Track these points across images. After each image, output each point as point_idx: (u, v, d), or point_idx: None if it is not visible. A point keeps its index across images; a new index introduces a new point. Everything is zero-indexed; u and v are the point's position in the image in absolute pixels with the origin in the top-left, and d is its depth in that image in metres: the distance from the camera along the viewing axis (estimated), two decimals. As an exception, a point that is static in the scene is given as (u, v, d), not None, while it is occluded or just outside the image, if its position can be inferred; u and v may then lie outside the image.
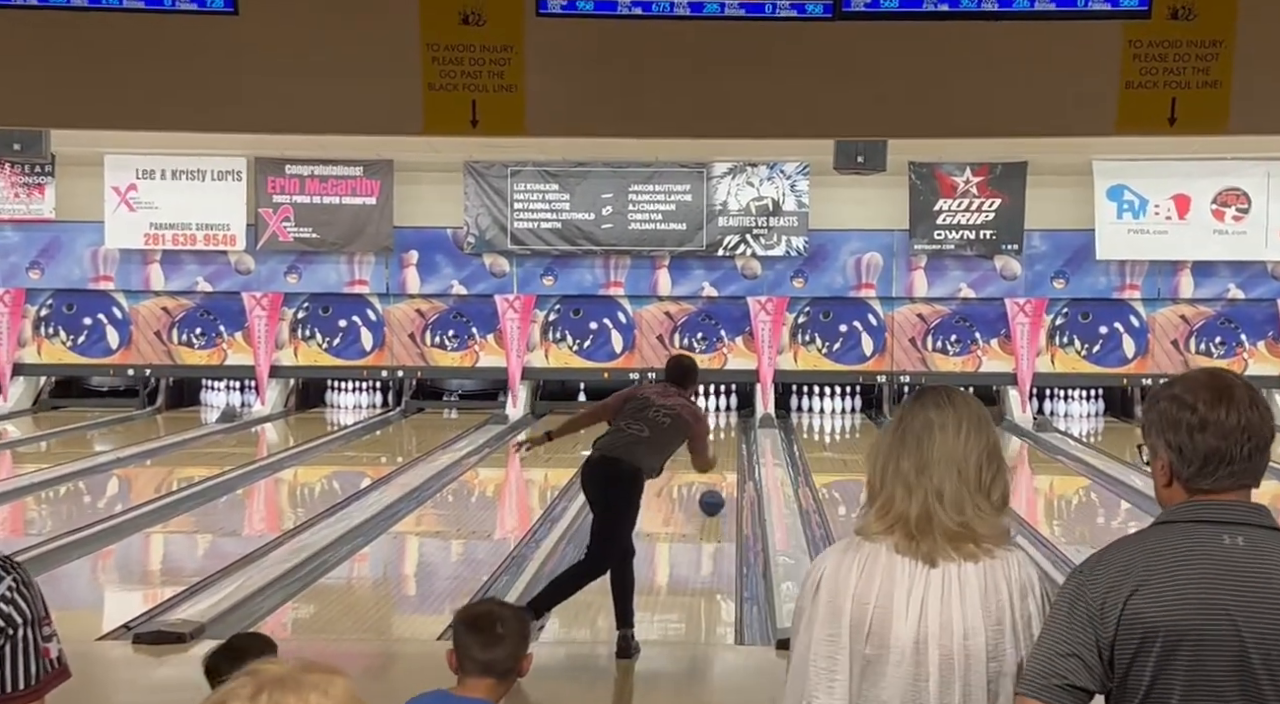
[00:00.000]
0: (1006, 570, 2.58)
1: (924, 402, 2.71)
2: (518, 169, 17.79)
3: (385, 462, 15.33)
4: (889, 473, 2.65)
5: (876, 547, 2.60)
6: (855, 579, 2.57)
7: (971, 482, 2.62)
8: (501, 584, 8.64)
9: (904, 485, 2.62)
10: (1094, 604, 2.35)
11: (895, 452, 2.66)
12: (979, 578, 2.56)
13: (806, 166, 17.51)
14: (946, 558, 2.57)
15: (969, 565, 2.56)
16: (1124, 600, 2.33)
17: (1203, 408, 2.41)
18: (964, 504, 2.59)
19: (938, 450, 2.63)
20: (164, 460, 14.90)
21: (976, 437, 2.66)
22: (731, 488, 12.82)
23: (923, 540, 2.58)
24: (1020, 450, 16.28)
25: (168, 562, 10.18)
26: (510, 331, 18.11)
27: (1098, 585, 2.36)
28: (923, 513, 2.59)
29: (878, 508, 2.64)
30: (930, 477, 2.61)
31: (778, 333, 18.06)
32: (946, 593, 2.55)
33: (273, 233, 18.07)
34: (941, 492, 2.60)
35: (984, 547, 2.58)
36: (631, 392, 7.22)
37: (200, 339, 18.45)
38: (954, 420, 2.66)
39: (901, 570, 2.57)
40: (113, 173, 17.77)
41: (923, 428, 2.66)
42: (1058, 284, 18.04)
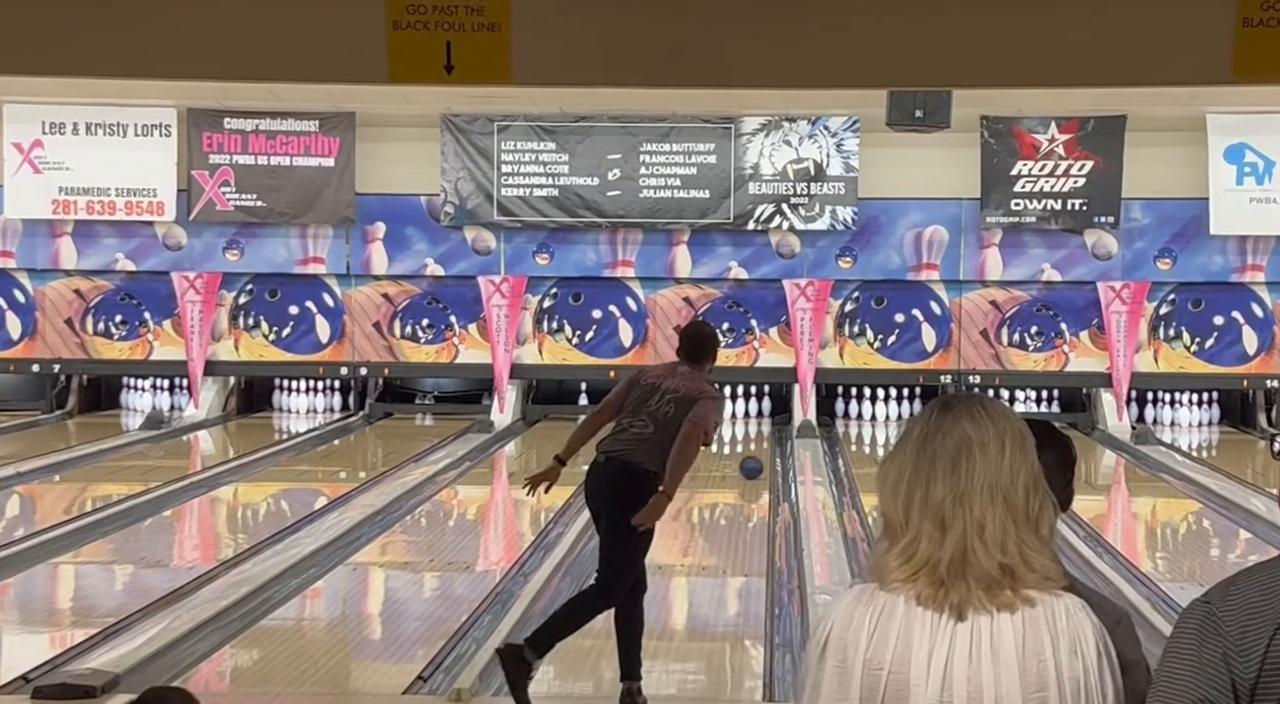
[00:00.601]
0: (1052, 622, 2.52)
1: (955, 413, 2.64)
2: (506, 124, 17.80)
3: (345, 478, 15.34)
4: (915, 505, 2.59)
5: (894, 598, 2.55)
6: (867, 639, 2.53)
7: (1020, 512, 2.57)
8: (484, 625, 8.66)
9: (935, 521, 2.56)
10: (1231, 638, 2.32)
11: (923, 477, 2.60)
12: (1015, 633, 2.51)
13: (856, 122, 17.49)
14: (978, 609, 2.52)
15: (1004, 617, 2.51)
16: (1269, 636, 2.30)
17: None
18: (1009, 541, 2.55)
19: (979, 475, 2.57)
20: (76, 475, 14.93)
21: (1022, 457, 2.62)
22: (763, 511, 12.83)
23: (954, 588, 2.53)
24: (1116, 467, 16.26)
25: (78, 598, 10.20)
26: (496, 321, 18.13)
27: (1234, 617, 2.34)
28: (958, 554, 2.54)
29: (900, 550, 2.58)
30: (970, 508, 2.56)
31: (820, 323, 18.06)
32: (976, 654, 2.50)
33: (209, 200, 18.10)
34: (983, 526, 2.55)
35: (1023, 594, 2.53)
36: (635, 377, 7.22)
37: (120, 329, 18.49)
38: (995, 436, 2.61)
39: (922, 627, 2.52)
40: (13, 126, 17.83)
41: (958, 447, 2.60)
42: (1163, 265, 18.02)
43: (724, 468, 14.45)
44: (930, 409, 2.70)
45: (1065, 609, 2.54)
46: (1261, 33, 4.63)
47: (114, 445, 16.50)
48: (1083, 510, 12.71)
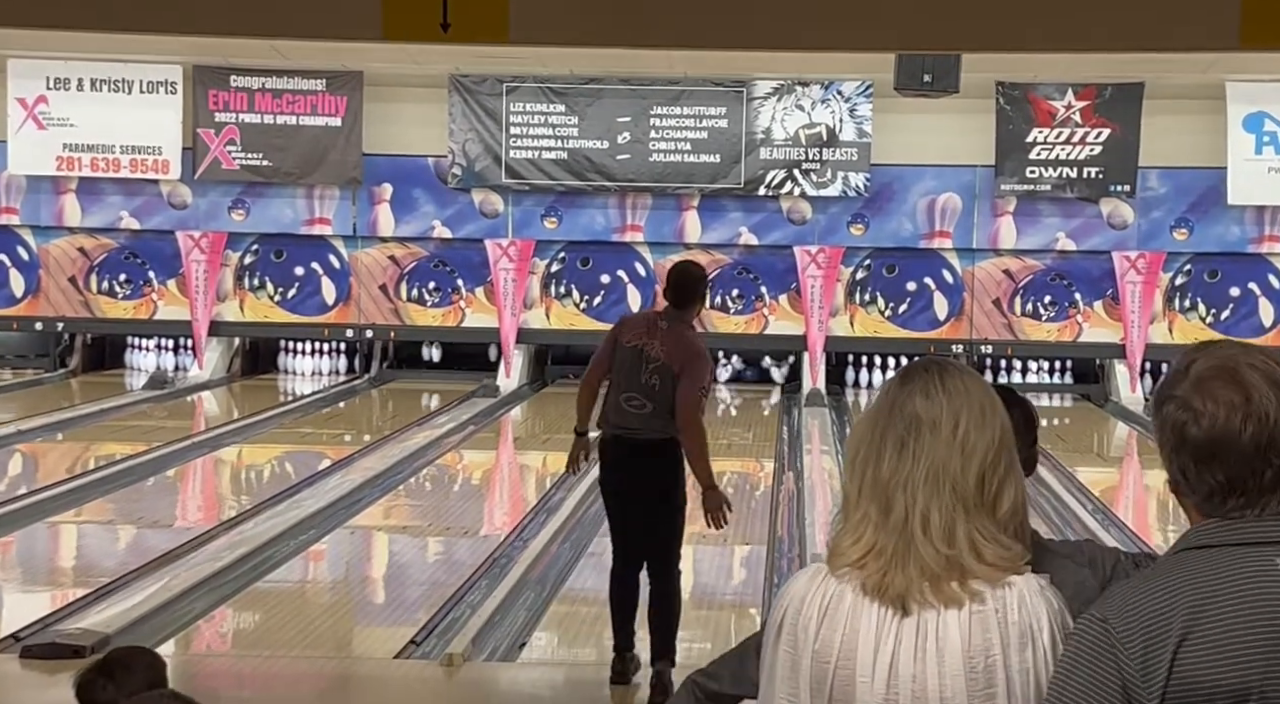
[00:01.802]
0: (1002, 614, 2.44)
1: (910, 386, 2.54)
2: (515, 85, 17.77)
3: (349, 440, 15.38)
4: (865, 484, 2.51)
5: (842, 586, 2.48)
6: (815, 627, 2.47)
7: (970, 499, 2.48)
8: (480, 590, 8.70)
9: (880, 505, 2.49)
10: (1131, 666, 2.19)
11: (874, 454, 2.52)
12: (962, 631, 2.43)
13: (870, 86, 17.45)
14: (922, 604, 2.44)
15: (950, 613, 2.44)
16: (1170, 656, 2.17)
17: (1208, 424, 2.24)
18: (955, 532, 2.46)
19: (925, 459, 2.49)
20: (78, 434, 15.01)
21: (979, 434, 2.51)
22: (769, 479, 12.86)
23: (896, 577, 2.46)
24: (1128, 440, 16.25)
25: (77, 557, 10.28)
26: (504, 284, 18.14)
27: (1132, 639, 2.19)
28: (901, 543, 2.47)
29: (850, 530, 2.51)
30: (913, 496, 2.47)
31: (831, 291, 18.05)
32: (921, 652, 2.44)
33: (215, 159, 18.10)
34: (927, 517, 2.46)
35: (971, 586, 2.44)
36: (616, 334, 7.07)
37: (125, 288, 18.52)
38: (949, 414, 2.51)
39: (868, 621, 2.46)
40: (18, 82, 17.82)
41: (907, 427, 2.51)
42: (1179, 235, 17.97)
43: (730, 435, 14.48)
44: (895, 377, 2.61)
45: (1019, 597, 2.46)
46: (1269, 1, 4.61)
47: (117, 405, 16.55)
48: (1093, 483, 12.74)
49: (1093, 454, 15.37)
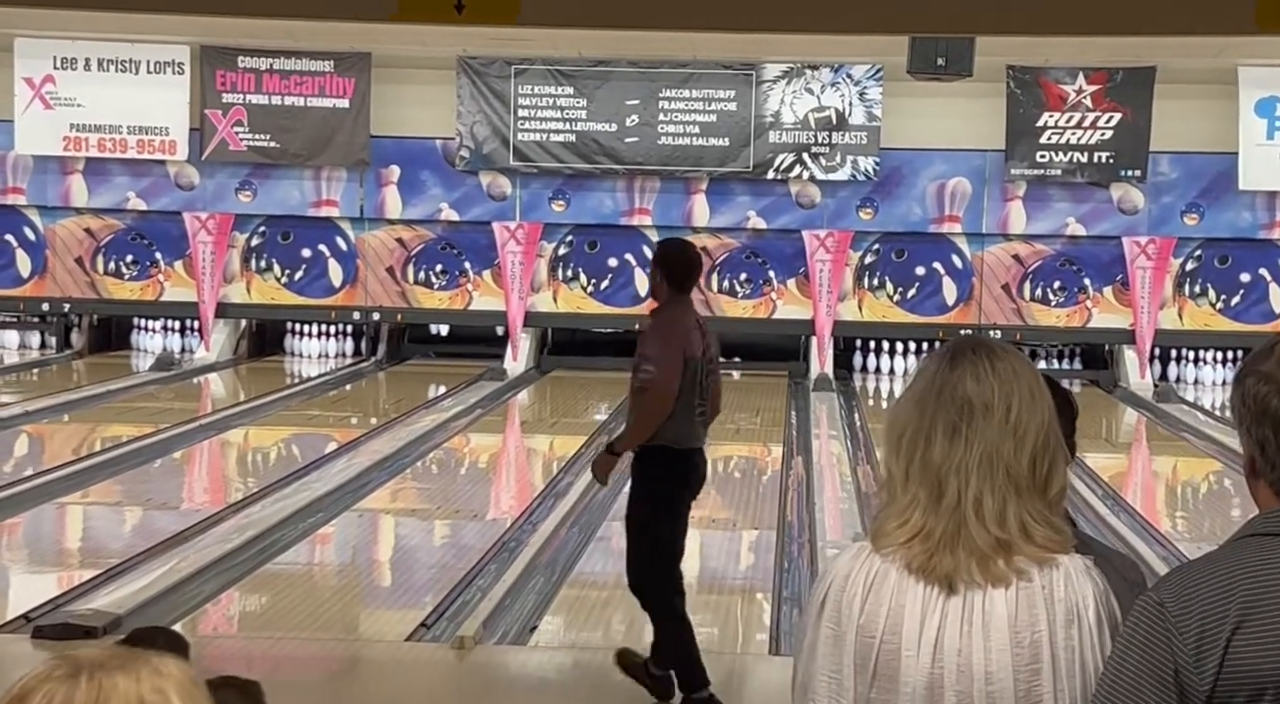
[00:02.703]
0: (1049, 592, 2.46)
1: (960, 367, 2.53)
2: (523, 68, 17.76)
3: (356, 423, 15.41)
4: (914, 466, 2.50)
5: (887, 564, 2.49)
6: (860, 604, 2.49)
7: (1023, 481, 2.49)
8: (490, 574, 8.72)
9: (931, 489, 2.49)
10: (1185, 648, 2.20)
11: (923, 436, 2.51)
12: (1009, 607, 2.45)
13: (879, 70, 17.43)
14: (969, 583, 2.45)
15: (997, 592, 2.45)
16: (1224, 645, 2.18)
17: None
18: (1007, 515, 2.47)
19: (979, 444, 2.48)
20: (85, 416, 15.03)
21: (1030, 415, 2.51)
22: (777, 464, 12.87)
23: (945, 559, 2.47)
24: (1137, 425, 16.27)
25: (84, 539, 10.31)
26: (511, 267, 18.14)
27: (1188, 625, 2.21)
28: (951, 527, 2.47)
29: (897, 513, 2.51)
30: (967, 480, 2.47)
31: (839, 275, 18.04)
32: (967, 627, 2.45)
33: (222, 140, 18.11)
34: (980, 500, 2.47)
35: (1018, 565, 2.46)
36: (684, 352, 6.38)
37: (131, 269, 18.54)
38: (1001, 397, 2.50)
39: (914, 598, 2.47)
40: (24, 61, 17.82)
41: (960, 410, 2.50)
42: (1190, 220, 17.95)
43: (738, 420, 14.48)
44: (940, 357, 2.59)
45: (1065, 576, 2.48)
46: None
47: (123, 386, 16.57)
48: (1102, 469, 12.73)
49: (1101, 440, 15.35)
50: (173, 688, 1.64)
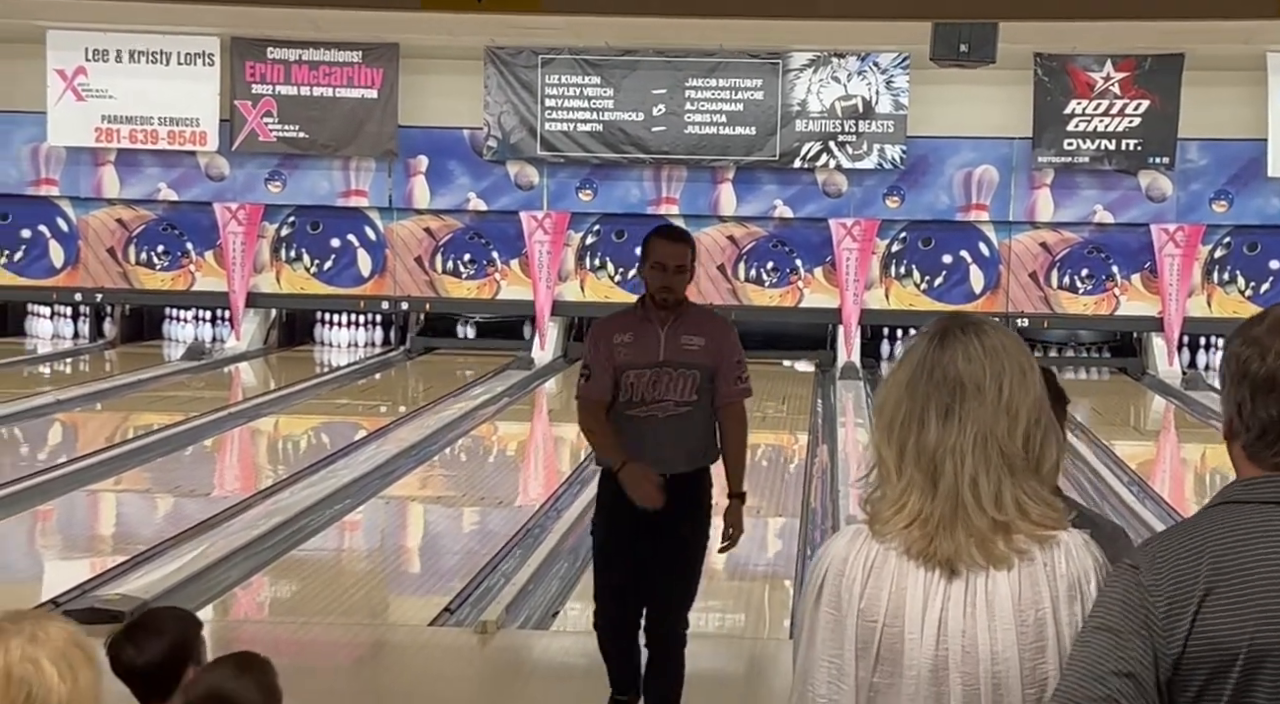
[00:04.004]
0: (1050, 569, 2.44)
1: (950, 347, 2.49)
2: (550, 57, 17.76)
3: (384, 411, 15.43)
4: (908, 451, 2.47)
5: (886, 549, 2.46)
6: (860, 588, 2.46)
7: (1017, 460, 2.46)
8: (514, 559, 8.73)
9: (927, 473, 2.46)
10: (1157, 613, 2.21)
11: (916, 420, 2.48)
12: (1012, 586, 2.43)
13: (906, 58, 17.36)
14: (971, 565, 2.43)
15: (999, 573, 2.43)
16: (1194, 611, 2.19)
17: (1273, 358, 2.25)
18: (1003, 495, 2.45)
19: (972, 425, 2.46)
20: (117, 404, 15.10)
21: (1022, 393, 2.48)
22: (801, 451, 12.86)
23: (944, 542, 2.44)
24: (1165, 412, 16.20)
25: (116, 525, 10.36)
26: (539, 256, 18.15)
27: (1160, 591, 2.21)
28: (949, 511, 2.45)
29: (893, 499, 2.48)
30: (962, 462, 2.45)
31: (866, 263, 18.01)
32: (970, 609, 2.43)
33: (252, 131, 18.15)
34: (976, 481, 2.44)
35: (1018, 545, 2.44)
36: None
37: (163, 259, 18.60)
38: (992, 377, 2.47)
39: (915, 582, 2.45)
40: (56, 53, 17.88)
41: (952, 391, 2.47)
42: (1218, 207, 17.87)
43: (764, 407, 14.46)
44: (928, 338, 2.55)
45: (1066, 552, 2.46)
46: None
47: (155, 375, 16.64)
48: (1129, 456, 12.70)
49: (1129, 428, 15.32)
50: (45, 655, 1.62)
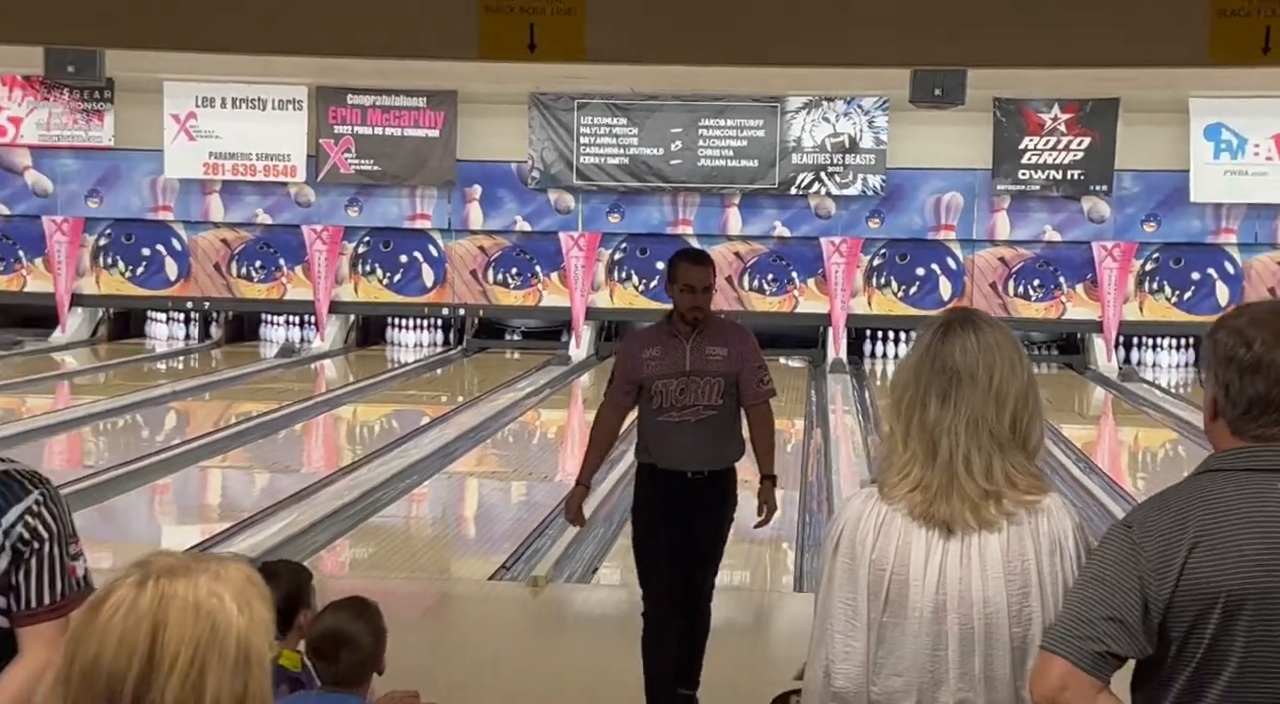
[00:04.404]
0: (1035, 528, 2.42)
1: (950, 341, 2.49)
2: (584, 102, 17.72)
3: (445, 400, 15.43)
4: (913, 427, 2.47)
5: (893, 510, 2.46)
6: (871, 542, 2.45)
7: (1005, 439, 2.45)
8: (558, 525, 8.70)
9: (927, 446, 2.45)
10: (1148, 565, 2.20)
11: (919, 401, 2.47)
12: (1001, 543, 2.42)
13: (885, 101, 17.30)
14: (965, 528, 2.42)
15: (990, 535, 2.42)
16: (1182, 561, 2.19)
17: (1260, 347, 2.25)
18: (993, 469, 2.43)
19: (965, 409, 2.44)
20: (221, 395, 15.13)
21: (1010, 381, 2.47)
22: (799, 434, 12.82)
23: (941, 507, 2.43)
24: (1105, 401, 16.12)
25: (223, 496, 10.36)
26: (574, 270, 18.12)
27: (1151, 544, 2.21)
28: (945, 480, 2.43)
29: (899, 467, 2.47)
30: (956, 440, 2.44)
31: (851, 275, 17.94)
32: (966, 561, 2.42)
33: (333, 165, 18.16)
34: (970, 457, 2.43)
35: (1007, 510, 2.42)
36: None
37: (260, 273, 18.62)
38: (984, 367, 2.46)
39: (918, 538, 2.44)
40: (172, 100, 17.91)
41: (949, 379, 2.46)
42: (1148, 227, 17.77)
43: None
44: (934, 330, 2.55)
45: (1048, 515, 2.45)
46: (1233, 21, 4.53)
47: (253, 370, 16.67)
48: (1075, 438, 12.64)
49: (1074, 413, 15.23)
50: (228, 590, 1.60)
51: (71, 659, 1.56)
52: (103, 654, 1.54)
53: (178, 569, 1.60)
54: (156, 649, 1.54)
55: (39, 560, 2.57)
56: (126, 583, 1.59)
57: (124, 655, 1.54)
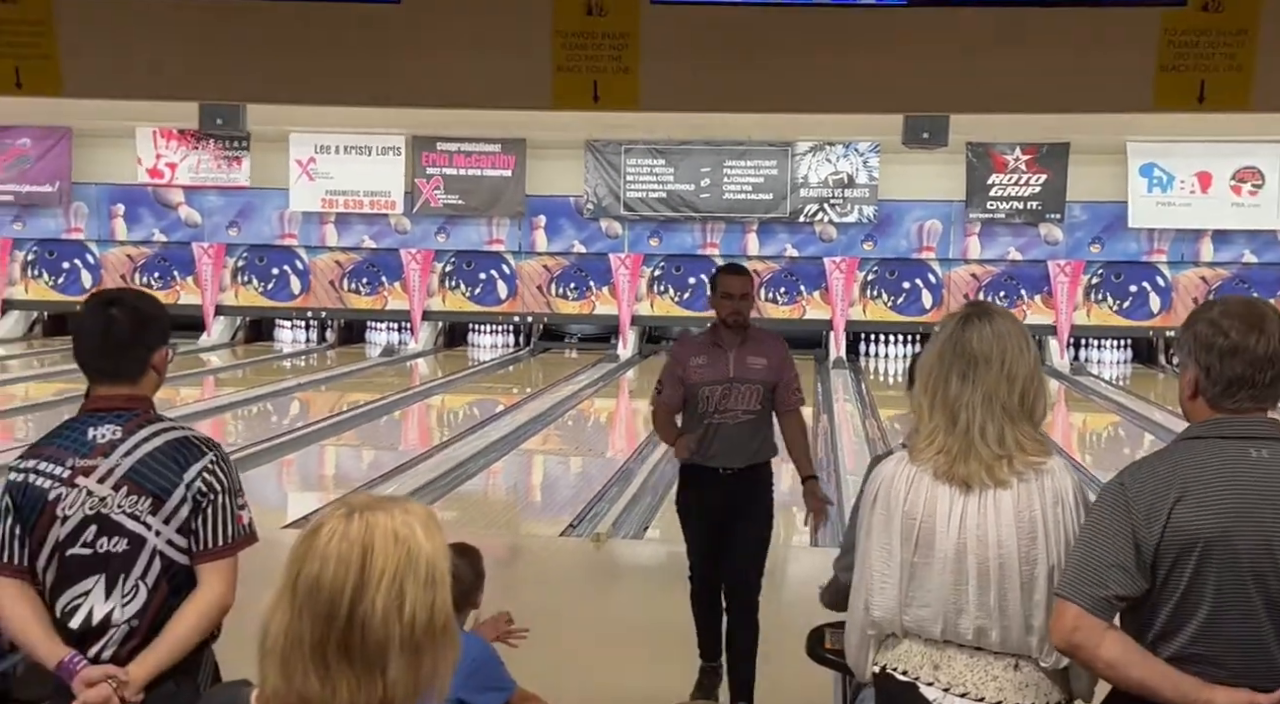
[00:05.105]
0: (1040, 485, 2.40)
1: (969, 329, 2.46)
2: (630, 146, 17.71)
3: (516, 392, 15.46)
4: (937, 401, 2.45)
5: (920, 471, 2.44)
6: (904, 494, 2.44)
7: (1015, 412, 2.42)
8: (612, 493, 8.70)
9: (949, 417, 2.43)
10: (1139, 514, 2.19)
11: (942, 379, 2.45)
12: (1013, 496, 2.39)
13: (877, 145, 17.22)
14: (981, 484, 2.40)
15: (1003, 491, 2.40)
16: (1169, 510, 2.18)
17: (1235, 335, 2.24)
18: (1005, 437, 2.40)
19: (981, 387, 2.42)
20: (335, 387, 15.20)
21: (1022, 361, 2.44)
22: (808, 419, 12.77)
23: (960, 467, 2.41)
24: (1059, 391, 15.97)
25: (338, 469, 10.40)
26: (622, 284, 18.11)
27: (1142, 496, 2.20)
28: (964, 445, 2.41)
29: (925, 435, 2.46)
30: (974, 413, 2.41)
31: (850, 288, 17.86)
32: (982, 511, 2.40)
33: (426, 199, 18.21)
34: (985, 427, 2.41)
35: (1017, 470, 2.39)
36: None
37: (366, 288, 18.68)
38: (998, 353, 2.43)
39: (942, 493, 2.42)
40: (296, 148, 17.99)
41: (968, 362, 2.43)
42: (1094, 248, 17.61)
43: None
44: (956, 320, 2.51)
45: (1051, 474, 2.42)
46: (1173, 76, 4.50)
47: (360, 367, 16.75)
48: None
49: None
50: (418, 522, 1.62)
51: (296, 575, 1.58)
52: (324, 571, 1.56)
53: (376, 505, 1.62)
54: (367, 567, 1.56)
55: (214, 509, 2.61)
56: (336, 515, 1.61)
57: (341, 572, 1.56)
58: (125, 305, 2.68)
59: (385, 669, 1.55)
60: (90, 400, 2.69)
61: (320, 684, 1.54)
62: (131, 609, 2.58)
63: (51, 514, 2.58)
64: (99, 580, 2.58)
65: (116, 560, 2.58)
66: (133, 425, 2.64)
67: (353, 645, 1.54)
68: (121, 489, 2.58)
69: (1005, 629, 2.40)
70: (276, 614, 1.57)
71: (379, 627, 1.55)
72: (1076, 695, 2.42)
